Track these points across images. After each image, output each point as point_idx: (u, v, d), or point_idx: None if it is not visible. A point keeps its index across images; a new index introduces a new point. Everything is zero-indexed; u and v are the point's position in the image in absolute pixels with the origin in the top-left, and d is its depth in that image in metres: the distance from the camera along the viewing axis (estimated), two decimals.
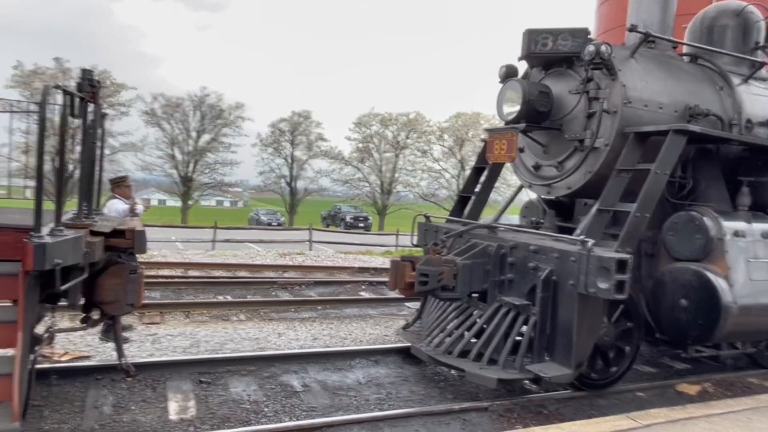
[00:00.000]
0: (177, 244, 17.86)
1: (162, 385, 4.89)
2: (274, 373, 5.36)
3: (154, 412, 4.36)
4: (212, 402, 4.62)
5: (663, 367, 6.31)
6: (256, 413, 4.45)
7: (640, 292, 5.42)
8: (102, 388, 4.74)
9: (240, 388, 4.94)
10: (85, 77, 4.00)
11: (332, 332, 7.20)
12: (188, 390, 4.81)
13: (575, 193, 5.62)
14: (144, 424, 4.14)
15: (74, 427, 4.01)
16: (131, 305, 4.09)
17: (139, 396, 4.64)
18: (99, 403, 4.45)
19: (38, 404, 4.30)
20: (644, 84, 5.33)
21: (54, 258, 3.11)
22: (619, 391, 5.35)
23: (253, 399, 4.72)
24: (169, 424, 4.17)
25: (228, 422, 4.26)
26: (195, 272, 11.45)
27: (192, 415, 4.32)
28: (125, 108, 34.55)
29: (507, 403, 4.82)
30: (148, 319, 7.27)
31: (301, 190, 43.00)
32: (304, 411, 4.56)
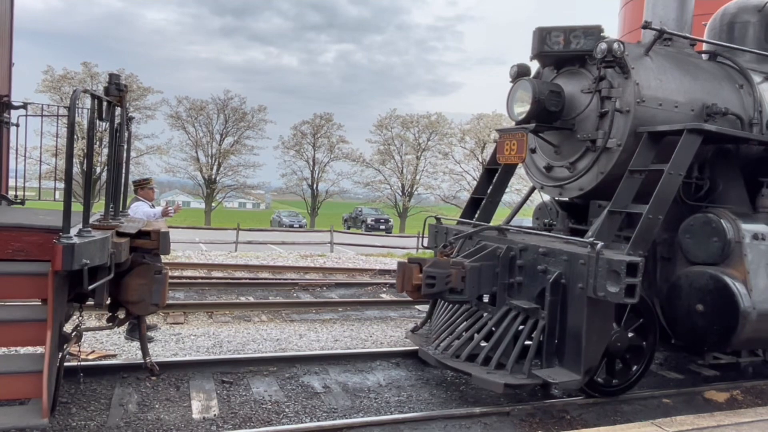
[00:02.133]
0: (200, 246, 18.09)
1: (185, 384, 4.96)
2: (295, 374, 5.39)
3: (178, 410, 4.42)
4: (234, 402, 4.67)
5: (690, 373, 6.18)
6: (277, 413, 4.49)
7: (655, 297, 5.28)
8: (127, 386, 4.83)
9: (261, 389, 4.98)
10: (112, 81, 4.09)
11: (353, 334, 7.21)
12: (211, 389, 4.87)
13: (587, 194, 5.50)
14: (167, 422, 4.20)
15: (100, 425, 4.09)
16: (156, 305, 4.16)
17: (163, 395, 4.71)
18: (124, 401, 4.53)
19: (66, 401, 4.40)
20: (659, 82, 5.20)
21: (82, 258, 3.18)
22: (644, 397, 5.26)
23: (275, 399, 4.76)
24: (192, 422, 4.22)
25: (250, 422, 4.30)
26: (218, 273, 11.59)
27: (214, 415, 4.37)
28: (151, 111, 35.24)
29: (529, 408, 4.78)
30: (172, 319, 7.38)
31: (323, 192, 43.24)
32: (324, 412, 4.58)
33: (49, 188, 6.47)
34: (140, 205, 6.59)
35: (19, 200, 5.85)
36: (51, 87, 31.23)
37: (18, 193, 5.96)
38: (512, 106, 5.56)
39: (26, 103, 5.77)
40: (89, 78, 31.91)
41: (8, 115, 5.61)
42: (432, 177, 40.99)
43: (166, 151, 36.81)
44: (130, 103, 29.11)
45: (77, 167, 23.91)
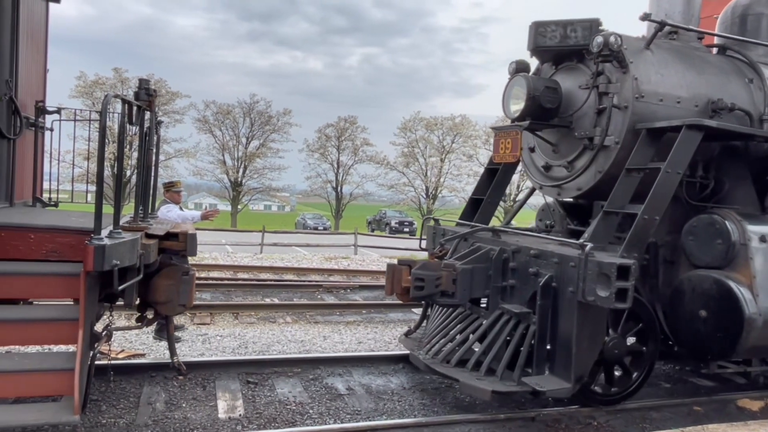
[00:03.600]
0: (227, 247, 18.33)
1: (211, 384, 5.03)
2: (319, 376, 5.42)
3: (204, 410, 4.49)
4: (259, 402, 4.71)
5: (722, 381, 6.02)
6: (301, 414, 4.51)
7: (657, 302, 5.07)
8: (155, 385, 4.92)
9: (286, 389, 5.02)
10: (142, 87, 4.18)
11: (377, 336, 7.22)
12: (236, 389, 4.93)
13: (586, 194, 5.29)
14: (194, 421, 4.27)
15: (129, 422, 4.17)
16: (183, 306, 4.23)
17: (190, 394, 4.79)
18: (152, 399, 4.61)
19: (96, 399, 4.50)
20: (660, 77, 4.98)
21: (112, 259, 3.26)
22: (674, 405, 5.14)
23: (299, 400, 4.79)
24: (217, 422, 4.28)
25: (274, 422, 4.34)
26: (243, 275, 11.73)
27: (240, 415, 4.42)
28: (179, 115, 35.93)
29: (554, 413, 4.71)
30: (198, 320, 7.49)
31: (347, 195, 43.43)
32: (348, 414, 4.59)
33: (81, 191, 6.65)
34: (172, 208, 6.73)
35: (53, 202, 6.02)
36: (84, 92, 32.09)
37: (52, 196, 6.13)
38: (508, 103, 5.35)
39: (60, 108, 5.94)
40: (120, 83, 32.69)
41: (43, 120, 5.78)
42: (456, 179, 40.83)
43: (194, 155, 37.49)
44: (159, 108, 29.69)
45: (108, 170, 24.52)
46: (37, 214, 4.79)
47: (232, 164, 39.22)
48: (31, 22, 5.41)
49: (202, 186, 55.31)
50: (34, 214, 4.73)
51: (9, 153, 4.95)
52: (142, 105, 4.11)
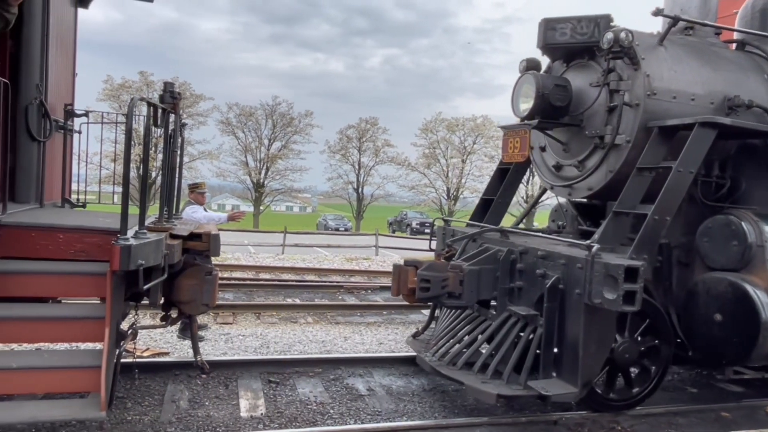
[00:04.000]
0: (249, 248, 18.52)
1: (234, 382, 5.09)
2: (340, 376, 5.44)
3: (227, 408, 4.54)
4: (280, 401, 4.75)
5: (752, 386, 5.87)
6: (322, 414, 4.54)
7: (671, 305, 4.93)
8: (179, 383, 4.99)
9: (307, 389, 5.05)
10: (167, 90, 4.26)
11: (397, 337, 7.22)
12: (258, 389, 4.98)
13: (597, 194, 5.17)
14: (217, 419, 4.32)
15: (154, 419, 4.25)
16: (206, 305, 4.29)
17: (212, 392, 4.85)
18: (176, 397, 4.68)
19: (122, 396, 4.59)
20: (673, 74, 4.84)
21: (138, 259, 3.32)
22: (701, 410, 5.03)
23: (320, 400, 4.81)
24: (240, 420, 4.33)
25: (295, 422, 4.37)
26: (265, 275, 11.84)
27: (261, 413, 4.47)
28: (203, 118, 36.46)
29: (577, 417, 4.65)
30: (221, 319, 7.58)
31: (368, 196, 43.53)
32: (369, 415, 4.60)
33: (108, 192, 6.79)
34: (197, 209, 6.84)
35: (81, 203, 6.15)
36: (111, 95, 32.79)
37: (80, 197, 6.27)
38: (517, 101, 5.25)
39: (88, 111, 6.07)
40: (146, 86, 33.32)
41: (71, 122, 5.91)
42: (478, 180, 40.57)
43: (217, 156, 38.01)
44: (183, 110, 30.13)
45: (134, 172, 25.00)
46: (65, 214, 4.90)
47: (255, 165, 39.65)
48: (60, 28, 5.54)
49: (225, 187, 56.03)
50: (63, 214, 4.85)
51: (39, 155, 5.07)
52: (167, 108, 4.18)
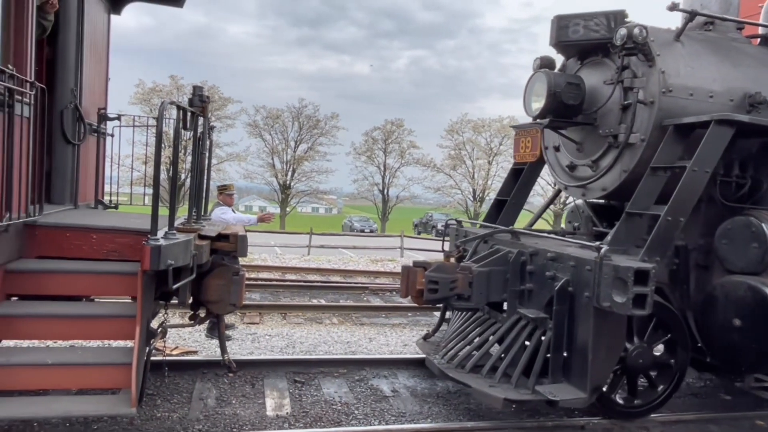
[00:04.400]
0: (275, 249, 18.72)
1: (260, 382, 5.15)
2: (365, 377, 5.46)
3: (253, 407, 4.60)
4: (306, 401, 4.79)
5: None
6: (346, 415, 4.56)
7: (689, 310, 4.78)
8: (207, 381, 5.08)
9: (332, 390, 5.08)
10: (195, 93, 4.35)
11: None
12: (284, 388, 5.03)
13: (611, 194, 5.03)
14: (243, 417, 4.38)
15: (182, 416, 4.33)
16: (233, 305, 4.36)
17: (239, 391, 4.92)
18: (204, 395, 4.76)
19: (152, 393, 4.69)
20: (690, 70, 4.68)
21: (167, 259, 3.39)
22: (735, 418, 4.90)
23: (344, 401, 4.84)
24: (266, 419, 4.38)
25: (320, 421, 4.40)
26: (291, 276, 11.95)
27: (287, 413, 4.51)
28: (231, 120, 37.05)
29: (606, 423, 4.57)
30: (248, 319, 7.68)
31: (393, 198, 43.57)
32: (393, 416, 4.60)
33: (139, 193, 6.95)
34: (226, 210, 6.95)
35: (113, 205, 6.32)
36: (142, 99, 33.55)
37: (112, 198, 6.44)
38: (529, 100, 5.12)
39: (120, 115, 6.23)
40: (176, 90, 34.00)
41: (104, 126, 6.08)
42: None
43: (245, 158, 38.56)
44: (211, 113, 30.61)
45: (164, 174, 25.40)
46: (98, 215, 5.04)
47: (281, 167, 40.09)
48: (94, 34, 5.70)
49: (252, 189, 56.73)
50: (96, 215, 4.98)
51: (74, 158, 5.23)
52: (196, 111, 4.27)
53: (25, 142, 3.71)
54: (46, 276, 3.79)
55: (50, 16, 4.65)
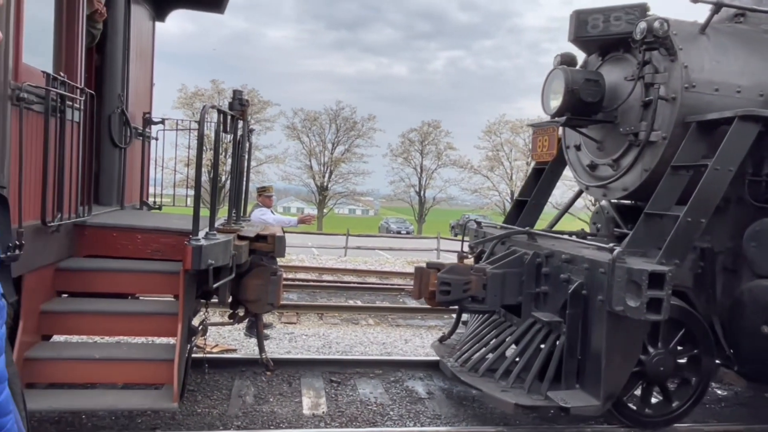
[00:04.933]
0: (312, 250, 18.92)
1: (297, 380, 5.23)
2: (400, 378, 5.47)
3: (290, 405, 4.67)
4: (341, 401, 4.83)
5: None
6: (381, 415, 4.58)
7: (715, 315, 4.55)
8: (245, 379, 5.18)
9: (367, 390, 5.11)
10: (235, 97, 4.45)
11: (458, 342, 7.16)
12: (320, 387, 5.08)
13: (632, 194, 4.84)
14: (280, 415, 4.45)
15: (222, 413, 4.43)
16: (271, 305, 4.44)
17: (276, 389, 5.00)
18: (243, 392, 4.86)
19: (193, 389, 4.82)
20: (716, 64, 4.46)
21: (208, 259, 3.49)
22: (762, 430, 4.69)
23: (380, 401, 4.86)
24: (302, 418, 4.44)
25: (356, 421, 4.43)
26: (328, 277, 12.06)
27: (323, 412, 4.56)
28: (270, 123, 37.72)
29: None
30: (286, 319, 7.80)
31: (430, 199, 43.45)
32: (428, 418, 4.60)
33: (181, 195, 7.15)
34: (266, 211, 7.09)
35: (157, 206, 6.52)
36: (185, 103, 34.51)
37: (156, 200, 6.65)
38: (547, 98, 4.98)
39: (164, 119, 6.44)
40: (217, 94, 34.83)
41: (149, 129, 6.28)
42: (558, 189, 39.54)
43: (283, 160, 39.20)
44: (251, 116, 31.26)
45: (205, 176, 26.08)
46: (143, 216, 5.21)
47: (319, 169, 40.55)
48: (140, 41, 5.91)
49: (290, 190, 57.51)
50: (141, 216, 5.16)
51: (120, 161, 5.42)
52: (236, 114, 4.37)
53: (75, 146, 3.88)
54: (94, 274, 3.95)
55: (99, 24, 4.84)
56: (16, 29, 3.15)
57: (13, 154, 3.15)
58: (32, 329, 3.59)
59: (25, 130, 3.24)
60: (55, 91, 3.52)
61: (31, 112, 3.35)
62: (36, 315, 3.62)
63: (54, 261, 3.80)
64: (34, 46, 3.46)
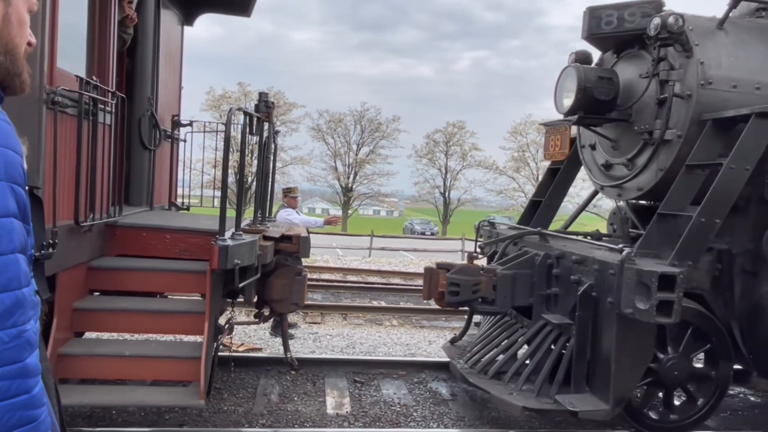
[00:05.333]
0: (337, 251, 19.01)
1: (321, 380, 5.26)
2: (424, 380, 5.46)
3: (314, 405, 4.71)
4: (365, 401, 4.85)
5: None
6: (405, 416, 4.58)
7: (734, 319, 4.41)
8: (270, 378, 5.24)
9: (391, 391, 5.11)
10: (261, 99, 4.51)
11: None
12: (344, 387, 5.11)
13: (647, 194, 4.71)
14: (304, 414, 4.49)
15: (247, 411, 4.49)
16: (296, 304, 4.49)
17: (301, 388, 5.04)
18: (268, 391, 4.92)
19: (219, 387, 4.89)
20: (734, 60, 4.31)
21: (234, 259, 3.54)
22: None
23: (403, 402, 4.86)
24: (326, 417, 4.47)
25: (379, 422, 4.45)
26: (352, 277, 12.10)
27: (347, 412, 4.58)
28: (295, 125, 38.05)
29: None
30: (310, 319, 7.86)
31: (455, 201, 43.26)
32: (452, 420, 4.58)
33: (208, 196, 7.27)
34: (291, 212, 7.16)
35: (185, 207, 6.64)
36: (212, 105, 35.04)
37: (184, 201, 6.77)
38: (560, 97, 4.89)
39: (192, 121, 6.55)
40: (243, 96, 35.28)
41: (178, 132, 6.40)
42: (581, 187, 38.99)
43: (308, 161, 39.48)
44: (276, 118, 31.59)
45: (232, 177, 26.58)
46: (172, 217, 5.32)
47: (343, 170, 40.73)
48: (169, 45, 6.03)
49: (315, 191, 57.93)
50: (170, 217, 5.26)
51: (150, 162, 5.54)
52: (262, 116, 4.43)
53: (107, 148, 3.98)
54: (125, 273, 4.05)
55: (130, 29, 4.96)
56: (51, 35, 3.25)
57: (47, 156, 3.25)
58: (65, 326, 3.70)
59: (60, 133, 3.34)
60: (87, 94, 3.62)
61: (65, 116, 3.45)
62: (69, 312, 3.72)
63: (86, 260, 3.91)
64: (68, 51, 3.57)
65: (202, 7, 6.60)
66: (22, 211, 1.00)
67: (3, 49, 1.08)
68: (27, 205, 1.02)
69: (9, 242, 0.94)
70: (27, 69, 1.15)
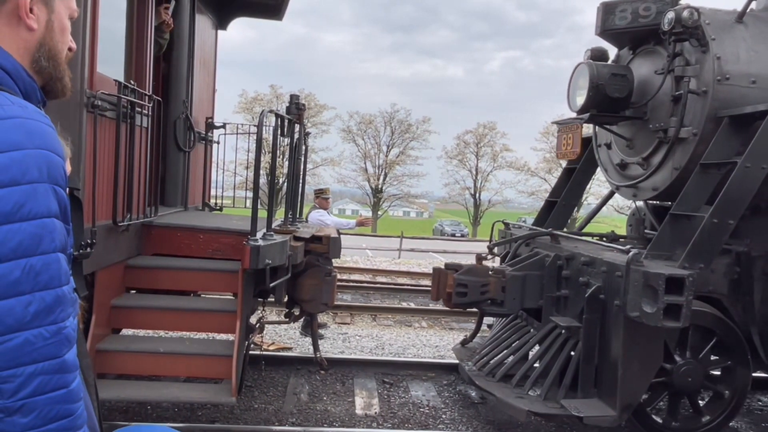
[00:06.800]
0: (366, 252, 19.07)
1: (350, 380, 5.29)
2: (453, 382, 5.43)
3: (343, 404, 4.73)
4: (394, 402, 4.85)
5: None
6: (434, 418, 4.57)
7: (752, 324, 4.21)
8: (300, 377, 5.29)
9: (420, 392, 5.11)
10: (292, 101, 4.57)
11: None
12: (373, 388, 5.12)
13: (662, 194, 4.54)
14: (333, 414, 4.52)
15: (277, 409, 4.55)
16: (325, 304, 4.52)
17: (330, 388, 5.08)
18: (297, 390, 4.97)
19: (250, 385, 4.97)
20: (753, 55, 4.11)
21: (266, 259, 3.59)
22: None
23: (432, 404, 4.85)
24: (354, 417, 4.49)
25: (407, 423, 4.44)
26: (382, 278, 12.12)
27: (375, 412, 4.60)
28: (326, 126, 38.38)
29: None
30: (340, 319, 7.90)
31: (485, 202, 42.91)
32: (481, 423, 4.55)
33: (241, 197, 7.39)
34: (323, 213, 7.22)
35: (218, 207, 6.77)
36: (245, 108, 35.64)
37: (217, 201, 6.90)
38: (573, 95, 4.76)
39: (225, 124, 6.67)
40: (275, 98, 35.77)
41: (211, 134, 6.53)
42: (604, 185, 38.18)
43: (338, 163, 39.78)
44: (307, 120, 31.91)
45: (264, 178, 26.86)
46: (205, 217, 5.42)
47: (374, 171, 40.86)
48: (204, 50, 6.16)
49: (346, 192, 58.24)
50: (203, 217, 5.37)
51: (184, 164, 5.67)
52: (293, 118, 4.48)
53: (144, 150, 4.09)
54: (160, 272, 4.15)
55: (166, 35, 5.09)
56: (91, 40, 3.36)
57: (87, 158, 3.36)
58: (103, 323, 3.81)
59: (99, 136, 3.45)
60: (125, 98, 3.73)
61: (104, 119, 3.56)
62: (107, 309, 3.84)
63: (124, 259, 4.02)
64: (107, 56, 3.68)
65: (236, 12, 6.72)
66: (63, 212, 1.04)
67: (46, 55, 1.12)
68: (67, 205, 1.06)
69: (51, 242, 0.98)
70: (68, 73, 1.19)
